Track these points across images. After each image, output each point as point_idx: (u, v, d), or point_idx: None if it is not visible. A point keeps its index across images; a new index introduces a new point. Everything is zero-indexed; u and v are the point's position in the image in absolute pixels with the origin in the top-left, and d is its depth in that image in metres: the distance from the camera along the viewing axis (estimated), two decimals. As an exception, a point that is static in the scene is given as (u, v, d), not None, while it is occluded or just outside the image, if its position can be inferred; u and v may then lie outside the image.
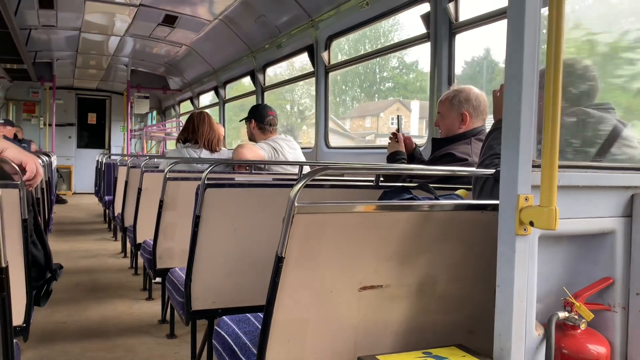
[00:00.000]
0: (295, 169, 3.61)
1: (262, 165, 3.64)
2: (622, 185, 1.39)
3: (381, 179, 2.45)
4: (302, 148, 3.94)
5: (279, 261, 1.23)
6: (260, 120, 3.81)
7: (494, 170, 1.40)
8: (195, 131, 3.84)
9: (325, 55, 5.00)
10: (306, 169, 3.25)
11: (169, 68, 10.00)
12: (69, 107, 13.04)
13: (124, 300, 3.97)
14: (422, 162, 2.85)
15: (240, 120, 4.01)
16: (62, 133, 12.71)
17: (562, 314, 1.30)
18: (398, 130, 2.81)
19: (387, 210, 1.33)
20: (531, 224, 1.20)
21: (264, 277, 1.28)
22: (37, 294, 1.93)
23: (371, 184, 2.36)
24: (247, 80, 7.19)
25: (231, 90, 8.49)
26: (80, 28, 7.45)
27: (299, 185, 1.22)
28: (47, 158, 4.78)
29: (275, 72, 6.99)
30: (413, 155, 2.86)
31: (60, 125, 12.54)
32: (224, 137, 4.19)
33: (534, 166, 1.22)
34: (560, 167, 1.19)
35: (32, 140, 10.71)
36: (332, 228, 1.28)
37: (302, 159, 3.79)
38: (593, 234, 1.39)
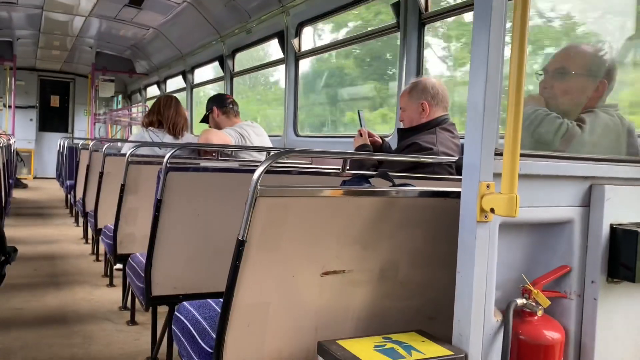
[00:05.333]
0: (262, 156, 3.57)
1: (229, 152, 3.59)
2: (581, 176, 1.42)
3: (347, 167, 2.45)
4: (270, 136, 3.90)
5: (240, 245, 1.21)
6: (221, 104, 3.79)
7: (457, 158, 1.41)
8: (161, 114, 3.77)
9: (295, 42, 4.95)
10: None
11: (136, 51, 9.77)
12: (31, 89, 12.62)
13: (84, 287, 3.87)
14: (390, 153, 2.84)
15: (201, 121, 3.96)
16: (22, 115, 12.29)
17: (520, 301, 1.32)
18: (361, 125, 2.78)
19: (350, 196, 1.32)
20: (492, 211, 1.21)
21: (227, 263, 1.26)
22: (-10, 278, 1.87)
23: (338, 170, 2.35)
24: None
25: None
26: (42, 6, 7.19)
27: (263, 167, 1.20)
28: (4, 140, 4.62)
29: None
30: (382, 150, 2.85)
31: (21, 107, 12.13)
32: (191, 123, 4.13)
33: (496, 154, 1.23)
34: (521, 155, 1.20)
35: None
36: (295, 212, 1.27)
37: (269, 145, 3.75)
38: (552, 222, 1.42)
